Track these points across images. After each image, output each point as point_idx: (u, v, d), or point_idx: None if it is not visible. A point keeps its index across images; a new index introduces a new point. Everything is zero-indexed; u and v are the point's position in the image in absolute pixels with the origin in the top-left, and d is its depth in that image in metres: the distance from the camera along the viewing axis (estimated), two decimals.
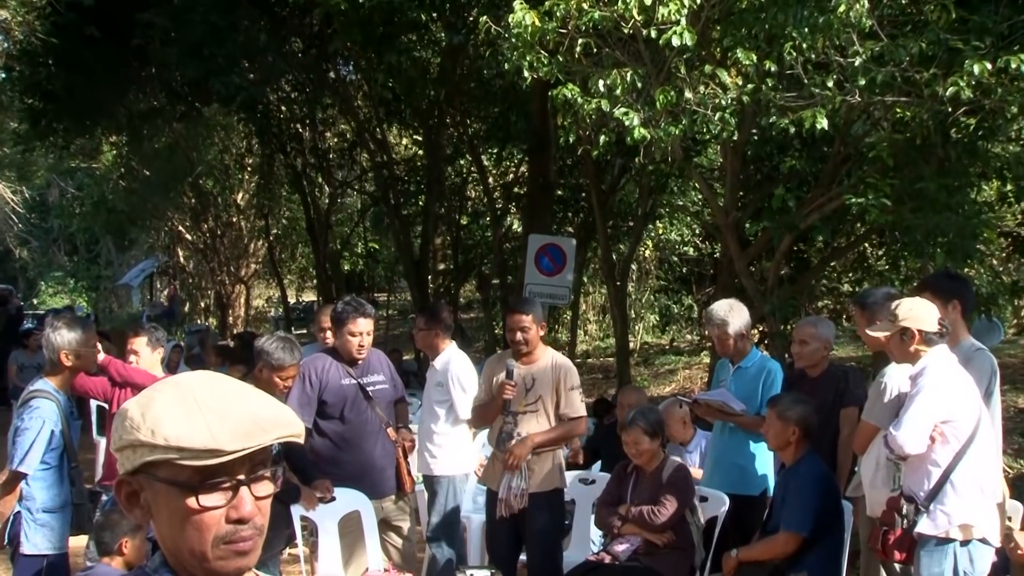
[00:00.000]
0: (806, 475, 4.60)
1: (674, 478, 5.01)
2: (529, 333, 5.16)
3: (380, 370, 5.58)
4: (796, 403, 4.69)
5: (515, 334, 5.16)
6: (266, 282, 32.40)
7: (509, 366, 5.15)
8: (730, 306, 5.55)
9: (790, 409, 4.65)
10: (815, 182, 8.67)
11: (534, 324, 5.18)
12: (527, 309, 5.22)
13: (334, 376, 5.39)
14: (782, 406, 4.69)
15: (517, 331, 5.15)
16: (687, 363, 18.37)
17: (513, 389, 5.12)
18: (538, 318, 5.23)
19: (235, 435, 1.34)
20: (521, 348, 5.17)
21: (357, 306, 5.35)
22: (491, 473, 5.34)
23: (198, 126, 19.20)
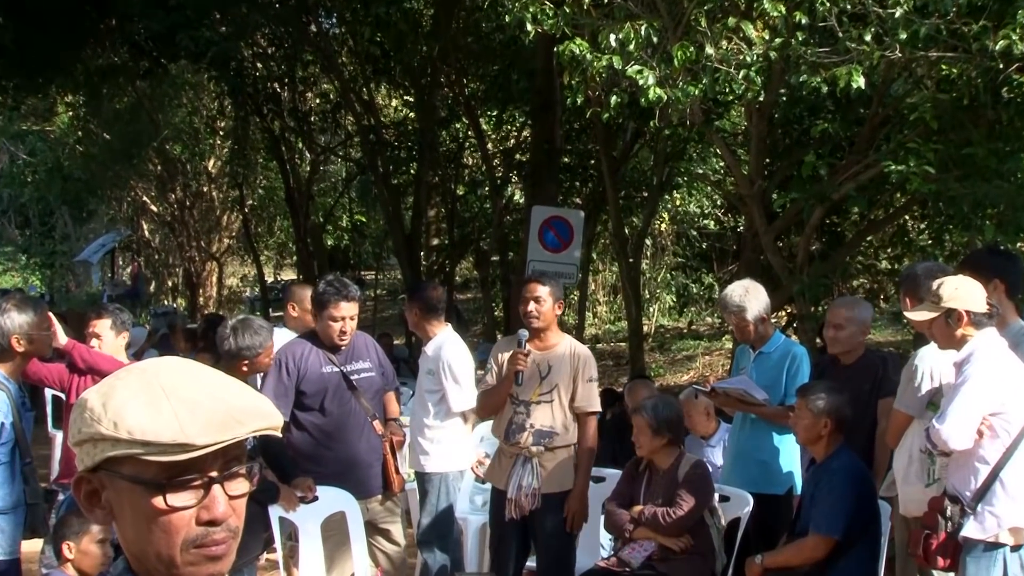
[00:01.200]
0: (839, 472, 4.60)
1: (691, 476, 5.02)
2: (543, 306, 5.17)
3: (366, 356, 5.58)
4: (828, 392, 4.69)
5: (527, 304, 5.17)
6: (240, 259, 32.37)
7: (521, 335, 5.18)
8: (745, 288, 5.55)
9: (821, 399, 4.65)
10: (850, 148, 8.65)
11: (551, 298, 5.19)
12: (545, 281, 5.26)
13: (314, 363, 5.39)
14: (813, 395, 4.69)
15: (530, 301, 5.17)
16: (707, 348, 18.41)
17: (527, 360, 5.14)
18: (556, 294, 5.23)
19: (207, 427, 1.34)
20: (532, 321, 5.17)
21: (340, 287, 5.34)
22: (497, 470, 5.34)
23: (164, 85, 19.15)
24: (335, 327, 5.34)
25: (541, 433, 5.16)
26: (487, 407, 5.48)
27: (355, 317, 5.42)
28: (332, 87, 17.70)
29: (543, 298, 5.17)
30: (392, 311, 26.68)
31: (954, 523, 4.03)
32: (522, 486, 5.13)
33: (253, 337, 4.93)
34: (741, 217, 13.63)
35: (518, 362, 5.15)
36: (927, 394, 4.42)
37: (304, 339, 5.52)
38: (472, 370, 5.87)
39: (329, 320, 5.33)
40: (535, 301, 5.17)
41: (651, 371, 16.28)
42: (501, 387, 5.26)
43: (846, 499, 4.55)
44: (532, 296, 5.17)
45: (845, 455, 4.68)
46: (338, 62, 15.89)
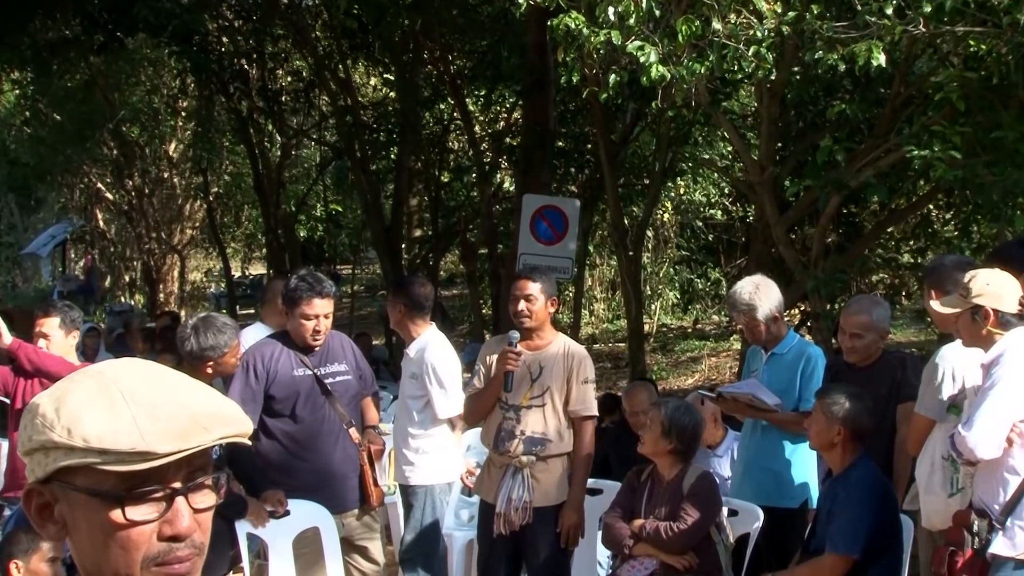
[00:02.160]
0: (858, 485, 4.59)
1: (697, 488, 5.02)
2: (535, 304, 5.16)
3: (342, 358, 5.57)
4: (848, 398, 4.66)
5: (517, 303, 5.16)
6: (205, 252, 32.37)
7: (511, 336, 5.17)
8: (755, 285, 5.54)
9: (837, 405, 4.63)
10: (869, 131, 8.66)
11: (542, 295, 5.17)
12: (536, 277, 5.23)
13: (285, 366, 5.38)
14: (829, 399, 4.68)
15: (520, 299, 5.15)
16: (713, 349, 18.43)
17: (518, 359, 5.13)
18: (549, 291, 5.22)
19: (169, 434, 1.34)
20: (524, 321, 5.17)
21: (313, 283, 5.33)
22: (486, 482, 5.34)
23: (120, 61, 19.08)
24: (308, 326, 5.32)
25: (532, 440, 5.15)
26: (474, 412, 5.48)
27: (330, 315, 5.41)
28: (305, 64, 17.66)
29: (534, 296, 5.16)
30: (370, 308, 26.66)
31: (981, 539, 4.02)
32: (512, 499, 5.13)
33: (217, 336, 4.92)
34: (750, 206, 13.65)
35: (508, 362, 5.13)
36: (949, 396, 4.42)
37: (274, 339, 5.51)
38: (459, 373, 5.87)
39: (301, 319, 5.32)
40: (526, 300, 5.15)
41: (653, 374, 16.29)
42: (488, 390, 5.25)
43: (866, 515, 4.53)
44: (522, 294, 5.16)
45: (865, 466, 4.66)
46: (311, 36, 15.87)
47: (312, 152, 24.58)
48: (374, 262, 31.63)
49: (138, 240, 26.75)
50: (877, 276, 14.39)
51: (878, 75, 6.70)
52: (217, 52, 16.37)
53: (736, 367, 14.15)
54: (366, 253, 30.22)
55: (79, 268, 34.18)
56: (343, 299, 30.30)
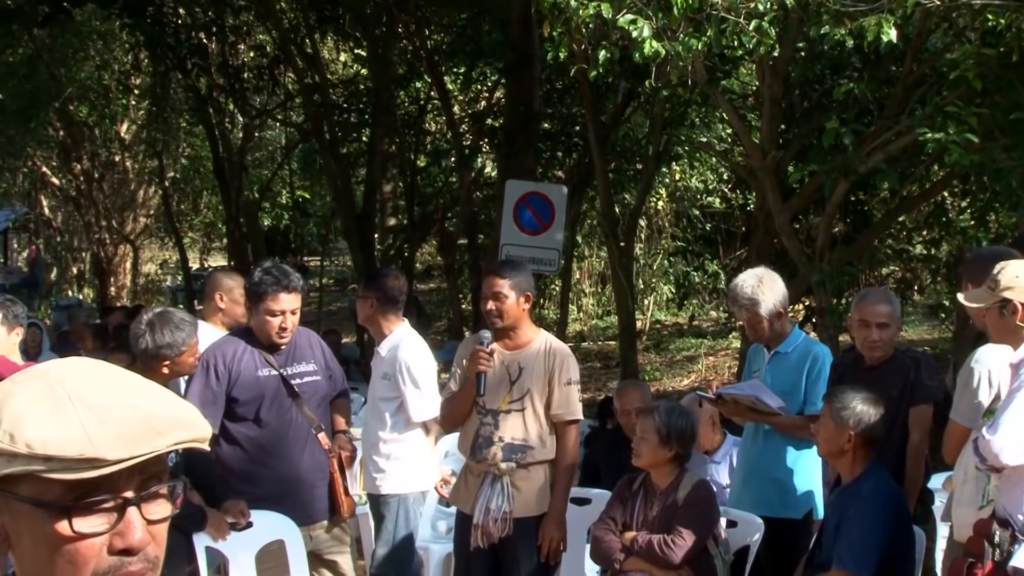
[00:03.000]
0: (871, 498, 4.57)
1: (693, 497, 5.03)
2: (505, 303, 5.13)
3: (310, 357, 5.56)
4: (860, 401, 4.65)
5: (486, 302, 5.15)
6: (160, 242, 32.22)
7: (483, 335, 5.16)
8: (758, 279, 5.54)
9: (847, 408, 4.62)
10: (879, 112, 8.70)
11: (513, 291, 5.14)
12: (506, 272, 5.18)
13: (248, 366, 5.36)
14: (838, 402, 4.68)
15: (489, 299, 5.13)
16: (711, 348, 18.48)
17: (489, 359, 5.11)
18: (521, 286, 5.18)
19: (120, 439, 1.33)
20: (495, 321, 5.16)
21: (279, 276, 5.31)
22: (462, 491, 5.33)
23: (67, 34, 18.96)
24: (273, 323, 5.31)
25: (512, 447, 5.14)
26: (450, 417, 5.46)
27: (297, 311, 5.39)
28: (269, 38, 17.61)
29: (504, 293, 5.12)
30: (340, 304, 26.61)
31: (1003, 551, 4.02)
32: (490, 509, 5.12)
33: (174, 333, 4.91)
34: (751, 194, 13.68)
35: (480, 362, 5.11)
36: (986, 401, 4.41)
37: (236, 337, 5.49)
38: (435, 373, 5.86)
39: (266, 315, 5.30)
40: (494, 298, 5.12)
41: (646, 374, 16.33)
42: (462, 393, 5.23)
43: (877, 531, 4.51)
44: (491, 292, 5.13)
45: (877, 477, 4.65)
46: (276, 8, 15.80)
47: (277, 134, 24.49)
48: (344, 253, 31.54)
49: (87, 229, 26.61)
50: (887, 269, 14.46)
51: (889, 52, 6.72)
52: (173, 24, 16.30)
53: (736, 367, 14.18)
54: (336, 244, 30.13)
55: (22, 259, 34.02)
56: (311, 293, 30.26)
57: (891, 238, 11.51)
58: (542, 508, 5.17)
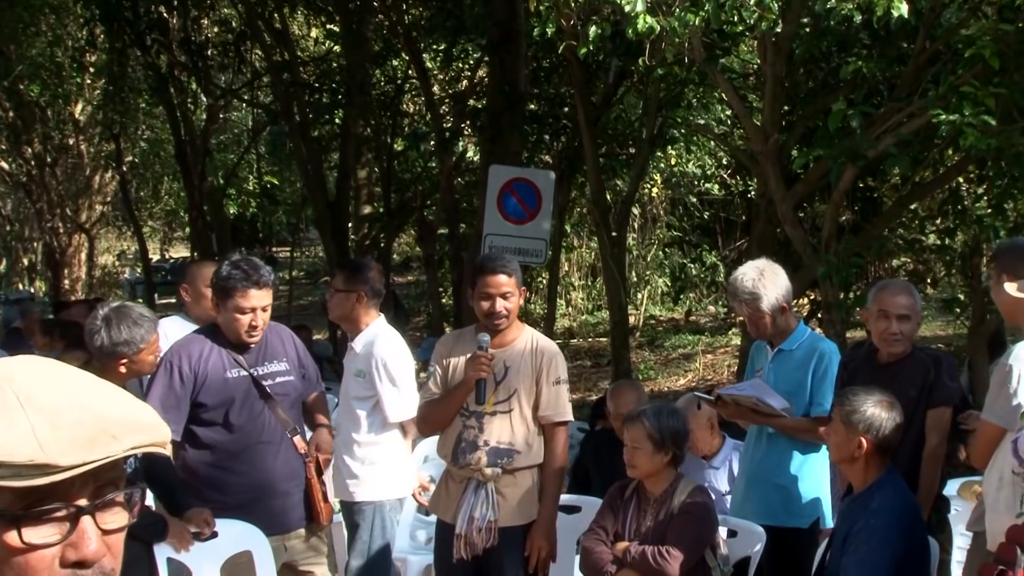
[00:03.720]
0: (882, 512, 4.53)
1: (690, 505, 5.03)
2: (512, 301, 5.14)
3: (282, 355, 5.53)
4: (874, 404, 4.61)
5: (494, 303, 5.11)
6: (117, 231, 32.14)
7: (481, 339, 5.14)
8: (760, 271, 5.54)
9: (859, 411, 4.58)
10: (889, 93, 8.70)
11: (517, 290, 5.17)
12: (511, 269, 5.16)
13: (216, 366, 5.33)
14: (849, 404, 4.64)
15: (497, 298, 5.10)
16: (709, 345, 18.52)
17: (490, 364, 5.11)
18: (519, 283, 5.21)
19: (73, 444, 1.32)
20: (499, 324, 5.15)
21: (248, 271, 5.27)
22: (443, 499, 5.32)
23: (17, 7, 18.86)
24: (243, 320, 5.27)
25: (498, 452, 5.13)
26: (431, 421, 5.42)
27: (268, 308, 5.36)
28: (234, 12, 17.55)
29: (512, 292, 5.13)
30: (312, 297, 26.61)
31: None
32: (474, 518, 5.11)
33: (132, 329, 4.89)
34: (752, 180, 13.70)
35: (481, 368, 5.09)
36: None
37: (202, 335, 5.46)
38: (413, 371, 5.86)
39: (235, 312, 5.26)
40: (503, 298, 5.12)
41: (639, 373, 16.35)
42: (453, 397, 5.21)
43: (890, 549, 4.48)
44: (499, 292, 5.10)
45: (891, 487, 4.62)
46: None
47: (243, 116, 24.44)
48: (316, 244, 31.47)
49: (38, 217, 26.50)
50: (898, 260, 14.47)
51: (900, 27, 6.73)
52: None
53: (736, 366, 14.21)
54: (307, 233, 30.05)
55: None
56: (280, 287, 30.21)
57: (902, 227, 11.51)
58: (529, 516, 5.17)
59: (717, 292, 20.46)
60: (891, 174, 10.98)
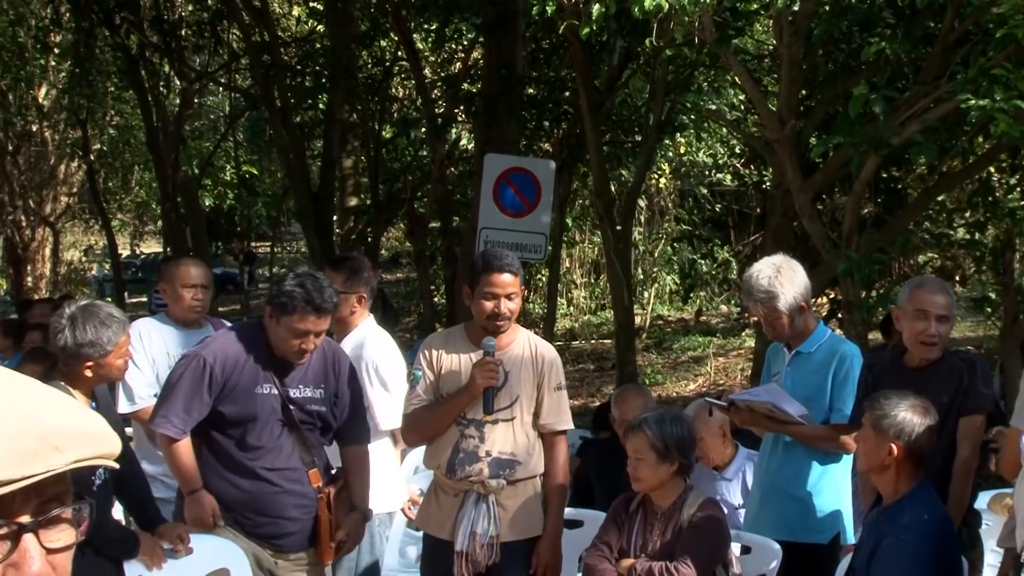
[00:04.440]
0: (913, 527, 4.51)
1: (700, 519, 5.02)
2: (516, 302, 5.17)
3: (321, 380, 5.35)
4: (906, 409, 4.59)
5: (498, 304, 5.10)
6: (84, 224, 32.13)
7: (487, 344, 5.13)
8: (776, 268, 5.54)
9: (889, 416, 4.57)
10: (915, 75, 8.68)
11: (519, 290, 5.20)
12: (516, 268, 5.18)
13: (249, 378, 5.22)
14: (880, 411, 4.62)
15: (502, 299, 5.10)
16: (722, 347, 18.52)
17: (498, 371, 5.09)
18: (522, 282, 5.25)
19: (12, 456, 1.31)
20: (503, 326, 5.14)
21: (313, 294, 5.07)
22: (435, 513, 5.31)
23: None
24: (294, 343, 5.15)
25: (500, 462, 5.14)
26: (422, 430, 5.38)
27: (323, 332, 5.28)
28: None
29: (516, 293, 5.16)
30: None
31: None
32: (476, 533, 5.10)
33: (99, 330, 4.86)
34: (767, 169, 13.68)
35: (490, 375, 5.07)
36: None
37: (244, 339, 5.34)
38: (403, 374, 5.85)
39: (288, 331, 5.14)
40: (508, 299, 5.12)
41: (646, 377, 16.36)
42: (453, 404, 5.18)
43: (921, 568, 4.46)
44: (504, 292, 5.10)
45: (923, 500, 4.60)
46: None
47: (220, 100, 24.41)
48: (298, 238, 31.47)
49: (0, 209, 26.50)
50: (924, 256, 14.47)
51: (926, 5, 6.71)
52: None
53: (749, 369, 14.21)
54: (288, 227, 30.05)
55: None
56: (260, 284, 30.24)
57: (928, 221, 11.50)
58: (531, 530, 5.19)
59: (729, 290, 20.46)
60: (917, 163, 10.98)
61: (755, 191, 18.19)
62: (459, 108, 16.24)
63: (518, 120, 13.35)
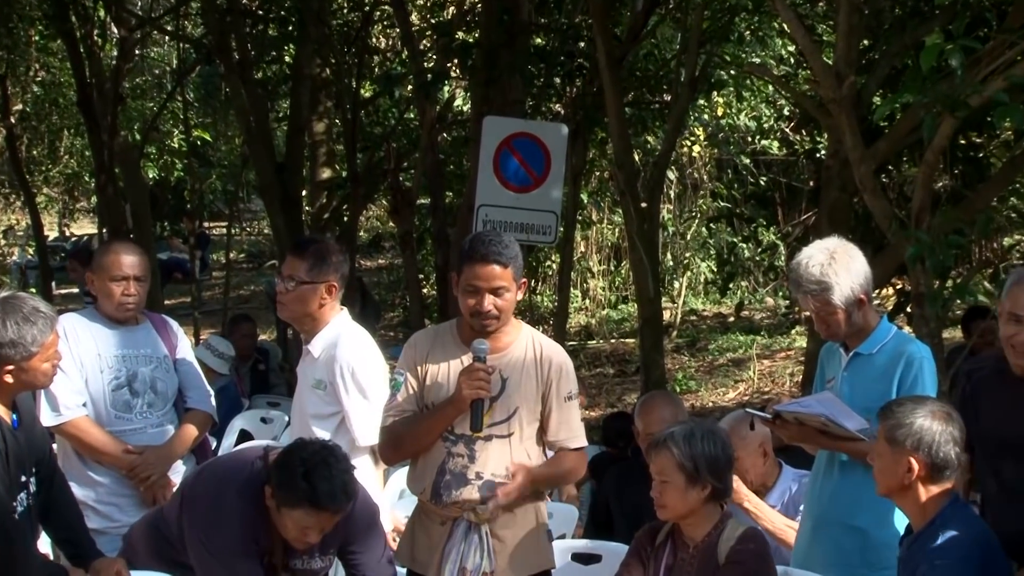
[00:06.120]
0: (950, 550, 4.51)
1: (740, 554, 5.03)
2: (506, 298, 5.14)
3: (331, 544, 5.37)
4: (924, 416, 4.59)
5: (480, 299, 5.10)
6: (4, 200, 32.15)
7: (479, 348, 5.13)
8: (830, 254, 5.51)
9: (904, 425, 4.59)
10: (999, 22, 8.69)
11: (514, 283, 5.17)
12: (505, 257, 5.13)
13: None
14: (894, 419, 4.65)
15: (485, 294, 5.11)
16: (767, 348, 18.54)
17: (489, 379, 5.08)
18: (518, 273, 5.20)
19: None
20: (490, 325, 5.15)
21: (322, 486, 4.96)
22: (419, 545, 5.34)
23: None
24: (293, 533, 5.12)
25: (493, 486, 5.14)
26: (402, 447, 5.40)
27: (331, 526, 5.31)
28: None
29: (506, 286, 5.13)
30: (255, 286, 26.59)
31: None
32: (467, 570, 5.13)
33: (22, 327, 4.89)
34: (822, 135, 13.69)
35: (479, 384, 5.07)
36: None
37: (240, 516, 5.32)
38: (384, 379, 5.87)
39: (289, 522, 5.09)
40: (494, 293, 5.12)
41: (677, 384, 16.39)
42: (437, 418, 5.20)
43: None
44: (489, 286, 5.10)
45: (960, 520, 4.60)
46: None
47: (166, 52, 24.41)
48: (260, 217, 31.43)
49: None
50: (1010, 238, 14.48)
51: None
52: None
53: (800, 374, 14.21)
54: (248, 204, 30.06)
55: None
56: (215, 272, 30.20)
57: (1015, 196, 11.53)
58: (534, 565, 5.21)
59: (776, 280, 20.46)
60: (1001, 127, 10.98)
61: (807, 161, 18.17)
62: (452, 62, 16.24)
63: (523, 76, 13.34)
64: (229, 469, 5.43)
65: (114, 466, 6.24)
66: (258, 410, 10.90)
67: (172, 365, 6.58)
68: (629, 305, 21.06)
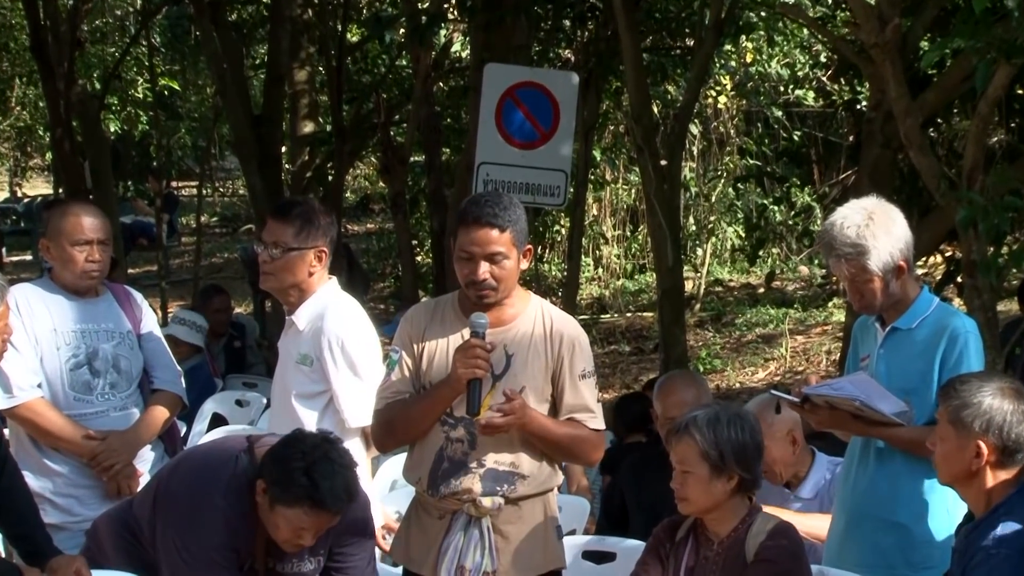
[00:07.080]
0: (1010, 540, 4.51)
1: (770, 551, 5.05)
2: (505, 266, 5.15)
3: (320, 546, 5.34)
4: (993, 394, 4.60)
5: (476, 267, 5.12)
6: None
7: (477, 322, 5.15)
8: (868, 214, 5.46)
9: (971, 405, 4.58)
10: None
11: (515, 248, 5.19)
12: (503, 219, 5.14)
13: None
14: (959, 399, 4.64)
15: (480, 261, 5.12)
16: (801, 322, 18.56)
17: (488, 357, 5.11)
18: (521, 237, 5.21)
19: None
20: (487, 296, 5.17)
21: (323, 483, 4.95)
22: (414, 542, 5.38)
23: None
24: (286, 535, 5.10)
25: (496, 476, 5.17)
26: (396, 432, 5.43)
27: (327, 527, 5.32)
28: None
29: (503, 252, 5.14)
30: (230, 252, 26.60)
31: None
32: (466, 568, 5.16)
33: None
34: (863, 85, 13.69)
35: (476, 362, 5.08)
36: None
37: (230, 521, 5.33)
38: (377, 354, 5.89)
39: (283, 522, 5.06)
40: (489, 260, 5.13)
41: (700, 362, 16.42)
42: (432, 400, 5.22)
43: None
44: (484, 252, 5.11)
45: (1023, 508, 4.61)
46: None
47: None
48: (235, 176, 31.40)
49: None
50: None
51: None
52: None
53: (837, 352, 14.26)
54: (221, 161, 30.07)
55: None
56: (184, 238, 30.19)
57: None
58: (539, 566, 5.23)
59: (811, 246, 20.43)
60: None
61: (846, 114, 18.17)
62: (450, 2, 16.26)
63: (529, 18, 13.35)
64: (209, 464, 5.37)
65: (73, 454, 6.22)
66: (233, 391, 10.87)
67: (136, 341, 6.53)
68: (647, 275, 21.10)
